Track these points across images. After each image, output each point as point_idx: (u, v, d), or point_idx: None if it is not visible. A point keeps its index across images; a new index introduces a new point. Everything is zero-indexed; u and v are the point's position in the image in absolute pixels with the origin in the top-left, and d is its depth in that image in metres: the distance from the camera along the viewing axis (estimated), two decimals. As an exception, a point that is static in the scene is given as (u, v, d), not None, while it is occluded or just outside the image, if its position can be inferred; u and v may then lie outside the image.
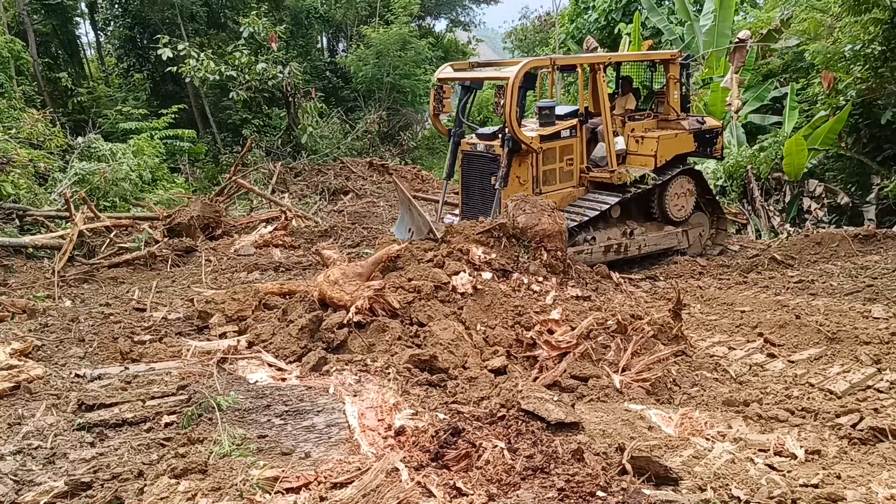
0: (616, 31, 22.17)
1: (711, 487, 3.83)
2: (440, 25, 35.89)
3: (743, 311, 7.93)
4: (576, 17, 25.48)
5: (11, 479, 3.82)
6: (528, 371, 6.01)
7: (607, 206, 10.17)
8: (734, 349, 6.82)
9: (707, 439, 4.67)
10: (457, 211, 11.24)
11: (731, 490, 3.87)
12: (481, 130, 11.02)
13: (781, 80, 16.39)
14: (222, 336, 6.67)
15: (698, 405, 5.44)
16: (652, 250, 10.77)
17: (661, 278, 10.06)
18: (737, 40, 15.20)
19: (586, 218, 10.07)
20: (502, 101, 9.69)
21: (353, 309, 6.28)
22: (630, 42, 19.11)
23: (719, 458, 4.30)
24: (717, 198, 12.23)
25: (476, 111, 25.43)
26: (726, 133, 15.43)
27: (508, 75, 9.75)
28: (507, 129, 9.82)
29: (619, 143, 10.64)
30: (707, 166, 14.76)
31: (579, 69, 10.97)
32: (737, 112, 15.35)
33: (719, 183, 14.57)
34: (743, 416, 5.18)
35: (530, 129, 10.19)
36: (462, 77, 11.07)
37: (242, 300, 7.41)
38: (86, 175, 13.10)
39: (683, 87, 11.40)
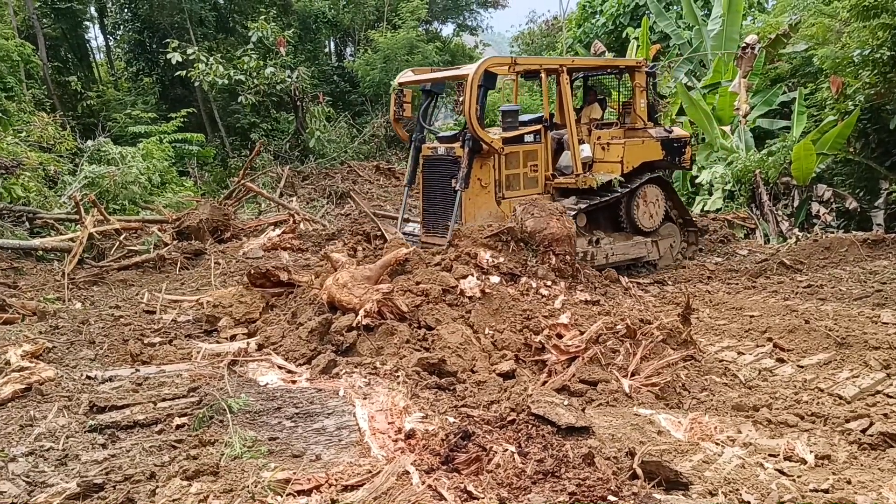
0: (624, 35, 22.19)
1: (722, 492, 3.83)
2: (447, 30, 35.97)
3: (752, 316, 7.91)
4: (583, 21, 25.52)
5: (24, 481, 3.84)
6: (536, 375, 6.02)
7: (574, 212, 9.80)
8: (743, 354, 6.80)
9: (717, 444, 4.67)
10: (418, 220, 10.94)
11: (741, 495, 3.87)
12: (442, 134, 10.87)
13: (790, 84, 16.37)
14: (232, 338, 6.70)
15: (708, 410, 5.43)
16: (620, 260, 10.49)
17: (670, 283, 10.05)
18: (745, 45, 15.19)
19: None
20: (461, 99, 9.49)
21: (361, 312, 6.30)
22: (638, 46, 19.11)
23: (729, 463, 4.30)
24: (688, 209, 12.10)
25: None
26: (734, 137, 15.43)
27: (468, 72, 9.55)
28: (467, 129, 9.58)
29: (586, 150, 10.48)
30: (715, 171, 14.75)
31: (542, 73, 10.70)
32: (745, 116, 15.34)
33: (728, 187, 14.54)
34: (752, 420, 5.17)
35: (493, 134, 10.04)
36: (422, 80, 10.93)
37: (250, 302, 7.45)
38: (95, 178, 13.17)
39: (650, 97, 11.32)
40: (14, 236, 10.10)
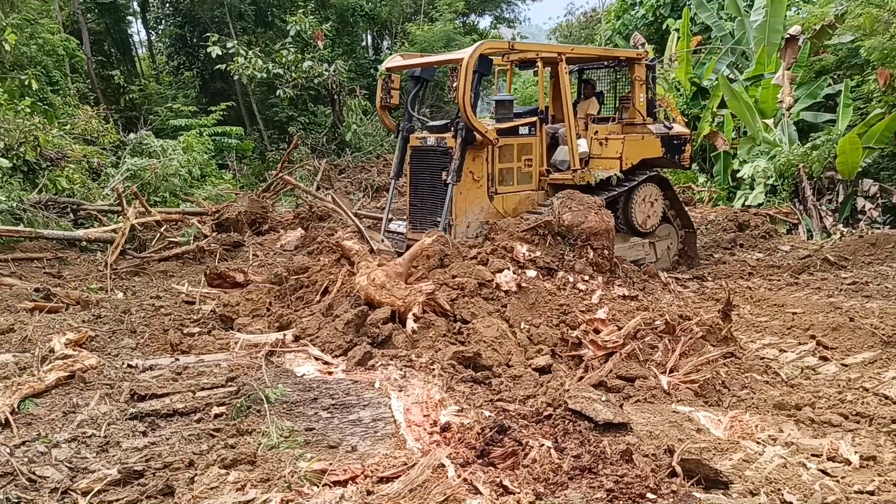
0: (664, 27, 21.87)
1: (763, 492, 3.75)
2: (484, 22, 35.80)
3: (794, 313, 7.76)
4: (622, 13, 25.19)
5: (66, 466, 3.91)
6: (573, 370, 5.97)
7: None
8: (785, 351, 6.68)
9: (758, 443, 4.58)
10: (405, 216, 10.40)
11: (783, 495, 3.79)
12: (432, 123, 10.26)
13: (835, 76, 15.97)
14: (269, 329, 6.75)
15: (748, 408, 5.34)
16: None
17: (710, 279, 9.89)
18: (788, 36, 14.85)
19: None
20: (455, 85, 8.93)
21: (410, 317, 6.22)
22: (678, 38, 18.82)
23: (771, 463, 4.22)
24: (686, 209, 11.55)
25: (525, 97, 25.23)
26: (777, 130, 15.11)
27: (463, 56, 9.00)
28: (460, 118, 9.04)
29: (582, 145, 9.99)
30: (757, 165, 14.47)
31: (539, 62, 10.16)
32: (788, 109, 15.01)
33: (770, 182, 14.26)
34: (795, 419, 5.07)
35: (486, 124, 9.53)
36: (411, 65, 10.40)
37: (256, 299, 7.50)
38: (137, 171, 13.38)
39: (649, 91, 10.87)
40: (59, 227, 10.30)
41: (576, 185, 9.59)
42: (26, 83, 13.39)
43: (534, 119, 9.92)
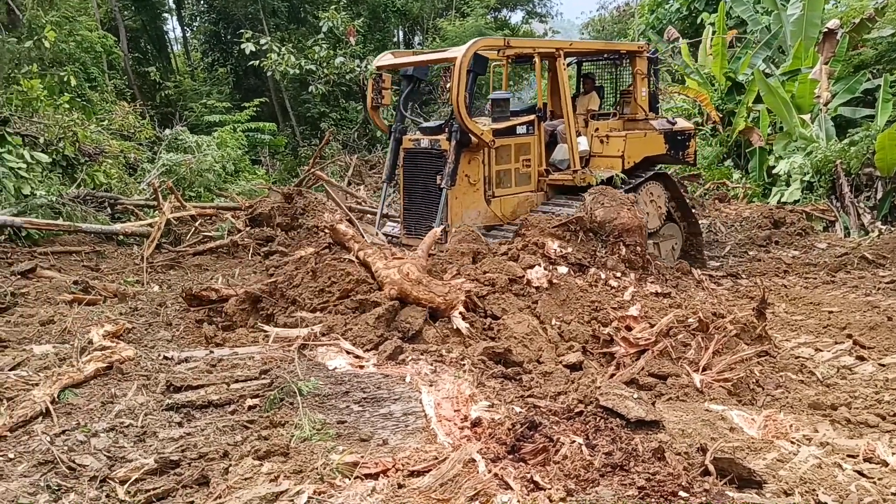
0: (699, 21, 21.59)
1: (798, 492, 3.71)
2: (516, 17, 35.66)
3: (831, 312, 7.65)
4: (656, 7, 24.92)
5: (105, 455, 3.99)
6: (604, 367, 5.95)
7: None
8: (821, 351, 6.59)
9: (792, 443, 4.53)
10: (399, 219, 10.05)
11: (818, 496, 3.74)
12: (425, 124, 9.95)
13: (874, 71, 15.63)
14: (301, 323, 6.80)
15: (783, 407, 5.28)
16: None
17: (744, 276, 9.77)
18: (826, 30, 14.57)
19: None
20: (448, 86, 8.65)
21: (458, 315, 6.16)
22: (713, 32, 18.57)
23: (805, 463, 4.16)
24: (693, 207, 11.27)
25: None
26: (814, 125, 14.85)
27: (456, 55, 8.69)
28: (454, 120, 8.69)
29: (583, 143, 9.69)
30: (794, 161, 14.23)
31: (536, 58, 9.79)
32: (826, 104, 14.74)
33: (807, 178, 14.02)
34: (830, 419, 5.00)
35: (482, 124, 9.18)
36: (403, 63, 10.09)
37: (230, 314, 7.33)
38: (173, 166, 13.57)
39: (652, 85, 10.54)
40: (97, 221, 10.49)
41: (576, 186, 9.31)
42: (65, 80, 13.64)
43: (531, 117, 9.60)
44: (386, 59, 10.34)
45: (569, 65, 10.58)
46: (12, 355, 5.41)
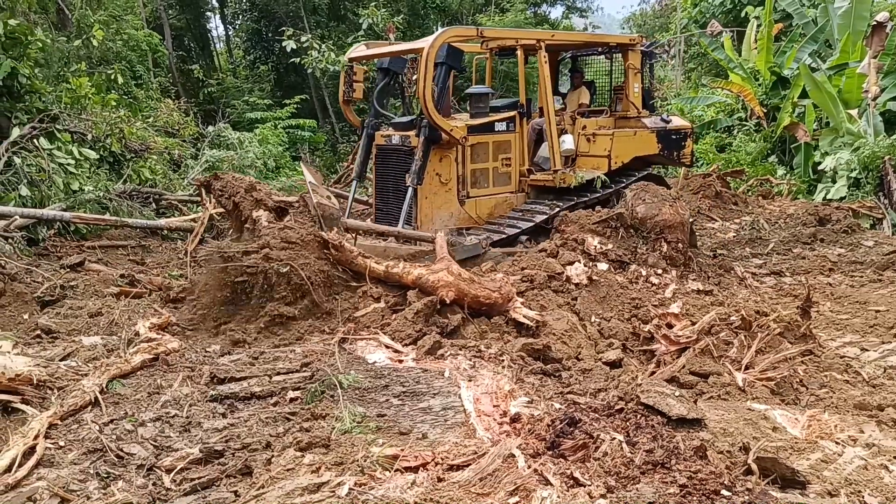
0: (743, 14, 21.21)
1: (843, 493, 3.64)
2: (556, 12, 35.43)
3: (877, 311, 7.46)
4: (700, 0, 24.54)
5: (151, 444, 4.10)
6: (644, 365, 5.90)
7: (530, 224, 8.52)
8: (867, 350, 6.43)
9: (837, 443, 4.43)
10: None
11: (864, 497, 3.67)
12: (397, 119, 9.56)
13: (926, 65, 15.21)
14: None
15: (827, 407, 5.17)
16: None
17: (788, 274, 9.59)
18: (875, 23, 14.20)
19: (503, 236, 8.44)
20: (415, 78, 8.35)
21: (519, 306, 6.14)
22: (758, 26, 18.23)
23: (850, 464, 4.08)
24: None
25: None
26: (861, 121, 14.50)
27: (423, 45, 8.22)
28: (423, 115, 8.30)
29: (568, 141, 9.16)
30: (840, 157, 13.91)
31: (519, 50, 9.26)
32: (874, 99, 14.37)
33: (853, 175, 13.70)
34: (876, 420, 4.88)
35: (458, 120, 8.80)
36: (375, 55, 9.69)
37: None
38: (216, 162, 13.81)
39: (646, 81, 10.00)
40: (142, 216, 10.73)
41: (555, 188, 8.91)
42: (112, 77, 13.94)
43: (513, 113, 9.15)
44: (359, 50, 9.96)
45: (562, 60, 10.17)
46: (62, 346, 5.58)
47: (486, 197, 9.00)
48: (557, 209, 8.74)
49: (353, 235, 7.68)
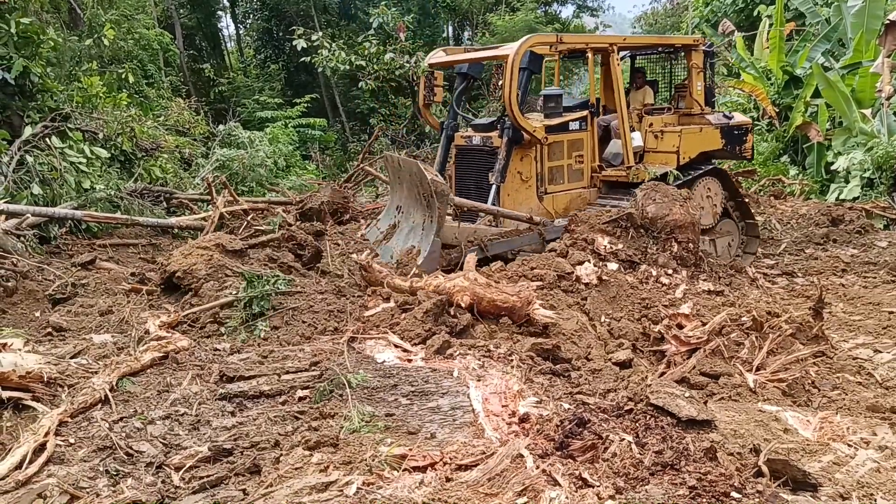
0: (755, 13, 21.09)
1: (855, 496, 3.61)
2: (567, 11, 35.44)
3: (891, 312, 7.40)
4: (711, -1, 24.45)
5: (161, 442, 4.11)
6: (654, 366, 5.87)
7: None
8: (880, 352, 6.37)
9: (849, 445, 4.40)
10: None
11: (876, 500, 3.64)
12: (477, 121, 9.93)
13: (941, 64, 15.07)
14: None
15: (839, 409, 5.13)
16: None
17: (800, 275, 9.53)
18: (889, 22, 14.08)
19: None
20: (500, 83, 8.66)
21: (538, 307, 6.14)
22: (770, 25, 18.12)
23: (863, 466, 4.04)
24: (747, 201, 10.96)
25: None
26: (875, 120, 14.40)
27: (508, 52, 8.66)
28: (506, 117, 8.74)
29: (637, 138, 9.53)
30: (853, 157, 13.81)
31: (589, 53, 9.68)
32: (888, 99, 14.25)
33: (867, 175, 13.60)
34: (889, 423, 4.84)
35: (534, 121, 9.14)
36: (455, 60, 10.06)
37: None
38: (226, 161, 13.83)
39: (708, 79, 10.32)
40: (153, 215, 10.76)
41: (627, 183, 9.25)
42: (123, 77, 14.00)
43: (584, 113, 9.54)
44: (438, 56, 10.36)
45: (622, 59, 10.41)
46: (73, 344, 5.60)
47: (562, 192, 9.43)
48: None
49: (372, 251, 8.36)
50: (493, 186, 8.76)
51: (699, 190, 9.77)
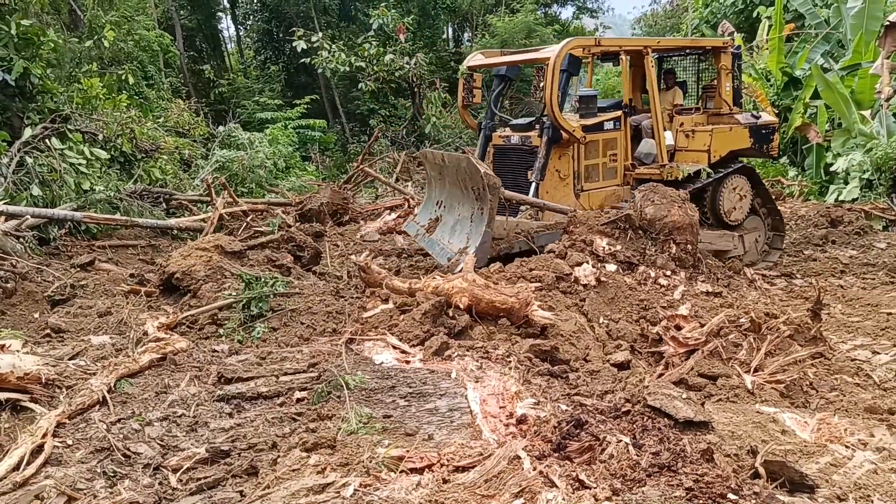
0: (755, 14, 21.11)
1: (852, 497, 3.61)
2: (566, 12, 35.43)
3: (889, 314, 7.40)
4: (711, 0, 24.44)
5: (158, 444, 4.11)
6: (652, 367, 5.88)
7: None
8: (879, 353, 6.37)
9: (847, 447, 4.39)
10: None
11: (873, 502, 3.64)
12: (515, 122, 10.24)
13: (940, 65, 15.07)
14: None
15: (837, 411, 5.13)
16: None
17: (799, 276, 9.53)
18: (888, 23, 14.09)
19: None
20: (542, 84, 8.88)
21: (537, 309, 6.13)
22: (770, 26, 18.13)
23: (860, 468, 4.04)
24: (774, 198, 11.15)
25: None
26: (874, 122, 14.40)
27: (549, 55, 8.93)
28: (546, 116, 9.02)
29: (668, 138, 9.82)
30: (852, 158, 13.81)
31: (623, 55, 10.01)
32: (887, 100, 14.26)
33: (866, 176, 13.60)
34: (887, 424, 4.84)
35: (571, 121, 9.40)
36: (494, 63, 10.35)
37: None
38: (226, 162, 13.85)
39: (736, 80, 10.56)
40: (152, 216, 10.77)
41: (662, 180, 9.45)
42: (123, 78, 14.02)
43: (618, 113, 9.83)
44: (477, 59, 10.62)
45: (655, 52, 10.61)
46: (71, 345, 5.61)
47: (597, 190, 9.70)
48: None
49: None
50: (533, 184, 9.03)
51: (729, 186, 10.01)
